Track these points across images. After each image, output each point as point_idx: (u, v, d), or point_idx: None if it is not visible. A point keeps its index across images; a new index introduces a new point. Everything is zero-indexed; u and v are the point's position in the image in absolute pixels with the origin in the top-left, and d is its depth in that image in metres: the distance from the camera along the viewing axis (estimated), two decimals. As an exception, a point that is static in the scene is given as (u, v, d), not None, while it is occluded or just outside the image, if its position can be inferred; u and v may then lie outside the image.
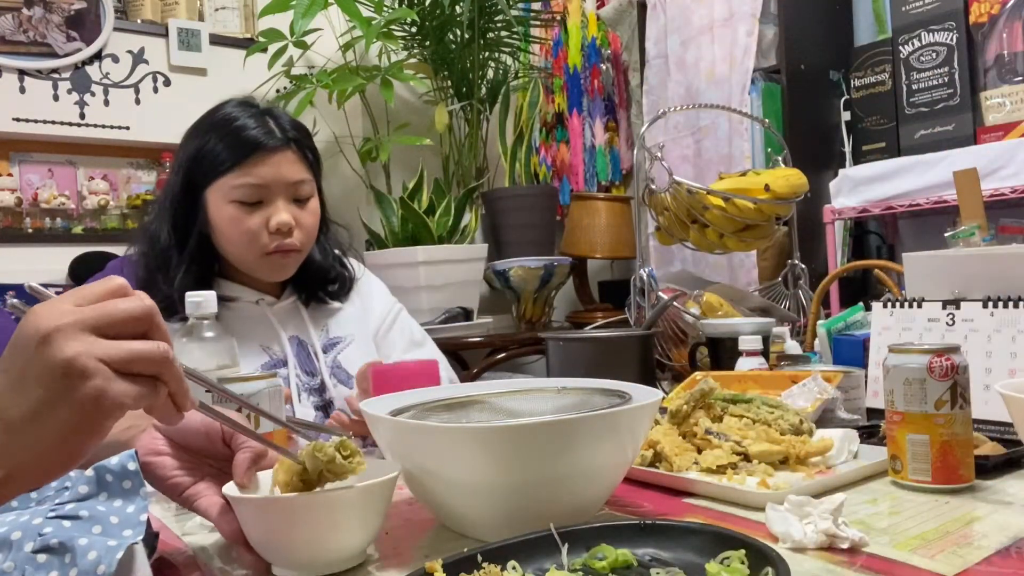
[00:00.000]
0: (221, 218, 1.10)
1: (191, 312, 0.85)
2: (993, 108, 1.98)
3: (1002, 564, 0.56)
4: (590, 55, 3.14)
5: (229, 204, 1.09)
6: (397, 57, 2.88)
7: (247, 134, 1.09)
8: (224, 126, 1.10)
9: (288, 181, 1.11)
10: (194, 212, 1.12)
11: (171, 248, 1.12)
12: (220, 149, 1.09)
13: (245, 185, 1.08)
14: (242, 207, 1.09)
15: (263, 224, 1.10)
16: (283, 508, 0.59)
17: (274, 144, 1.10)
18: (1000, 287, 0.97)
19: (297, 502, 0.59)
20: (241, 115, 1.11)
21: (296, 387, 1.16)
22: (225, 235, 1.12)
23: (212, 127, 1.12)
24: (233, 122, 1.10)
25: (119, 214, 2.73)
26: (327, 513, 0.58)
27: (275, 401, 0.82)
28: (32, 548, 0.52)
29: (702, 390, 0.90)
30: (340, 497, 0.59)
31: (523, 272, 2.69)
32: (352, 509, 0.59)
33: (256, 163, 1.08)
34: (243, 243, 1.11)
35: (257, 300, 1.19)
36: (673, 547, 0.57)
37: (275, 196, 1.11)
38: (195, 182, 1.11)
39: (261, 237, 1.10)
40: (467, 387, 0.87)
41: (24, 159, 2.65)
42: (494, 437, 0.62)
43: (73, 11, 2.58)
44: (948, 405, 0.73)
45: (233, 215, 1.09)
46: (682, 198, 1.61)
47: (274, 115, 1.14)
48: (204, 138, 1.11)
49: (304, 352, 1.20)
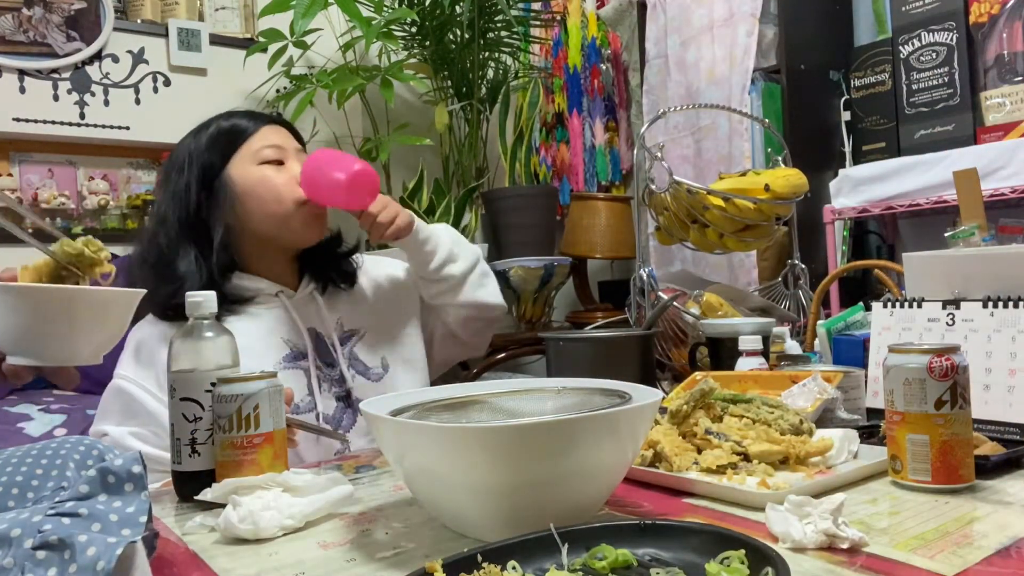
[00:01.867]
0: (252, 181, 1.18)
1: (191, 312, 0.85)
2: (993, 108, 1.98)
3: (1002, 564, 0.56)
4: (590, 55, 3.14)
5: (257, 167, 1.18)
6: (397, 57, 2.88)
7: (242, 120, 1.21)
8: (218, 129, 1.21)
9: (294, 147, 1.23)
10: (213, 203, 1.18)
11: (188, 245, 1.16)
12: (232, 126, 1.20)
13: (265, 146, 1.19)
14: (270, 166, 1.18)
15: (290, 179, 1.18)
16: (22, 294, 0.61)
17: (267, 121, 1.23)
18: (1000, 287, 0.97)
19: (39, 289, 0.61)
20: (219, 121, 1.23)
21: (317, 378, 1.19)
22: (258, 197, 1.18)
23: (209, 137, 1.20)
24: (221, 124, 1.21)
25: (119, 214, 2.73)
26: (64, 304, 0.60)
27: (275, 401, 0.82)
28: (32, 545, 0.52)
29: (702, 390, 0.90)
30: (78, 291, 0.61)
31: (523, 272, 2.69)
32: (88, 306, 0.61)
33: (264, 130, 1.21)
34: (276, 199, 1.17)
35: (277, 292, 1.22)
36: (673, 547, 0.57)
37: (289, 157, 1.21)
38: (212, 165, 1.18)
39: (293, 189, 1.18)
40: (467, 387, 0.87)
41: (24, 159, 2.65)
42: (494, 437, 0.62)
43: (73, 11, 2.58)
44: (948, 405, 0.73)
45: (264, 175, 1.18)
46: (682, 198, 1.61)
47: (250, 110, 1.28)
48: (212, 127, 1.21)
49: (322, 344, 1.23)
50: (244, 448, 0.79)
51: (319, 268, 1.28)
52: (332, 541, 0.69)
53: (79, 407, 1.99)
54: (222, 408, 0.79)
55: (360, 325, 1.28)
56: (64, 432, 1.84)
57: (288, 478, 0.76)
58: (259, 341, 1.17)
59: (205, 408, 0.82)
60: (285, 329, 1.21)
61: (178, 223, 1.16)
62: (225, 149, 1.19)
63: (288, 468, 0.82)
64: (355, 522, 0.74)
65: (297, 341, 1.21)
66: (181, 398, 0.83)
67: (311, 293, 1.26)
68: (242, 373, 0.84)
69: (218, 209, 1.17)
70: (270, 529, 0.70)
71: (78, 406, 2.01)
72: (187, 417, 0.82)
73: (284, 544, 0.69)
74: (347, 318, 1.28)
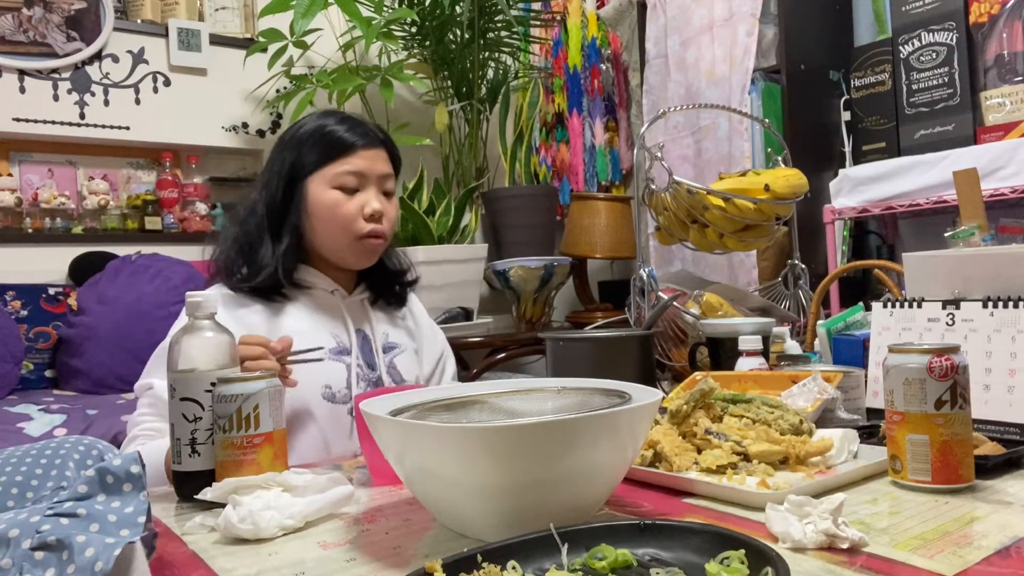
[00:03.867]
0: (322, 203, 1.21)
1: (191, 312, 0.85)
2: (993, 108, 1.98)
3: (1002, 564, 0.56)
4: (590, 55, 3.14)
5: (331, 190, 1.21)
6: (397, 57, 2.88)
7: (347, 134, 1.23)
8: (324, 128, 1.23)
9: (380, 174, 1.24)
10: (290, 203, 1.23)
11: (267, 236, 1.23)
12: (322, 145, 1.22)
13: (347, 172, 1.21)
14: (342, 193, 1.21)
15: (359, 210, 1.21)
16: None
17: (369, 142, 1.24)
18: (1000, 287, 0.97)
19: None
20: (334, 122, 1.24)
21: (356, 375, 1.23)
22: (323, 219, 1.22)
23: (315, 131, 1.23)
24: (327, 127, 1.23)
25: (119, 214, 2.72)
26: None
27: (275, 401, 0.82)
28: (30, 545, 0.52)
29: (702, 390, 0.89)
30: None
31: (523, 272, 2.69)
32: None
33: (356, 155, 1.22)
34: (340, 226, 1.21)
35: (332, 290, 1.27)
36: (673, 547, 0.57)
37: (369, 185, 1.23)
38: (296, 174, 1.23)
39: (357, 221, 1.21)
40: (467, 387, 0.87)
41: (24, 159, 2.65)
42: (494, 437, 0.62)
43: (73, 11, 2.58)
44: (948, 405, 0.73)
45: (335, 199, 1.21)
46: (682, 198, 1.61)
47: (367, 123, 1.29)
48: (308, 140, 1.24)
49: (367, 346, 1.27)
50: (244, 448, 0.79)
51: (375, 281, 1.33)
52: (332, 541, 0.69)
53: (79, 407, 2.00)
54: (222, 408, 0.79)
55: (400, 342, 1.33)
56: (64, 432, 1.84)
57: (288, 478, 0.76)
58: (310, 327, 1.22)
59: (205, 408, 0.82)
60: (335, 324, 1.25)
61: (265, 212, 1.23)
62: (316, 157, 1.22)
63: (288, 468, 0.82)
64: (355, 522, 0.74)
65: (344, 337, 1.25)
66: (181, 398, 0.83)
67: (363, 300, 1.31)
68: (242, 373, 0.84)
69: (293, 212, 1.23)
70: (270, 529, 0.70)
71: (78, 406, 2.01)
72: (187, 417, 0.82)
73: (284, 544, 0.69)
74: (390, 332, 1.33)
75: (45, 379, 2.35)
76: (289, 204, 1.23)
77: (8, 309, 2.30)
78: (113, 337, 2.23)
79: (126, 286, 2.30)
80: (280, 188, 1.23)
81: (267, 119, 2.98)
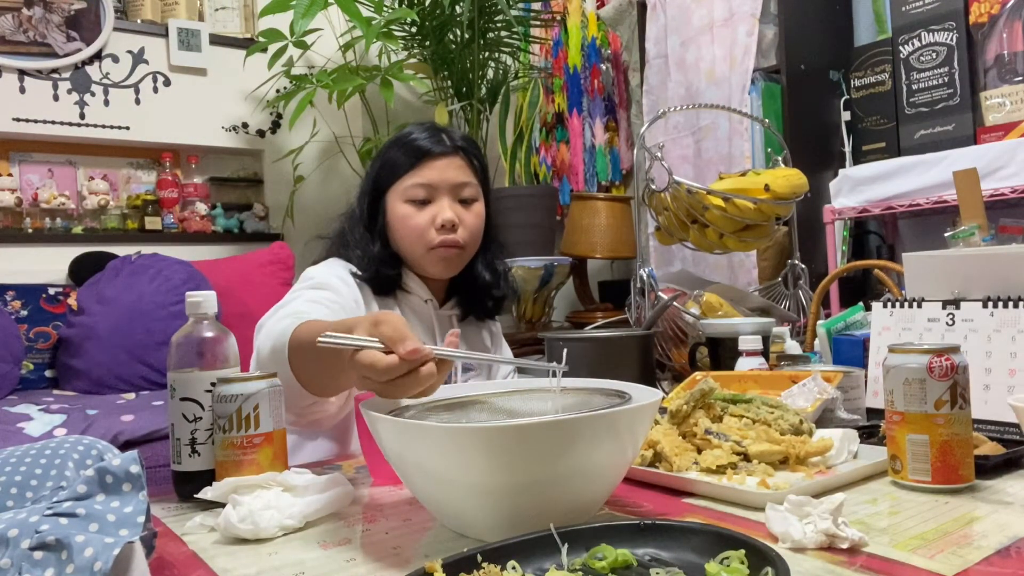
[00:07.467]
0: (396, 217, 1.24)
1: (191, 312, 0.85)
2: (993, 108, 1.98)
3: (1002, 564, 0.56)
4: (590, 55, 3.14)
5: (403, 204, 1.24)
6: (397, 57, 2.88)
7: (420, 143, 1.25)
8: (403, 139, 1.27)
9: (452, 182, 1.24)
10: (378, 213, 1.27)
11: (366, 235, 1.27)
12: (399, 157, 1.25)
13: (415, 185, 1.23)
14: (412, 205, 1.23)
15: (430, 221, 1.22)
16: None
17: (441, 150, 1.24)
18: (1000, 287, 0.97)
19: None
20: (417, 131, 1.27)
21: None
22: (399, 232, 1.25)
23: (395, 142, 1.27)
24: (410, 135, 1.26)
25: (119, 214, 2.73)
26: None
27: (275, 401, 0.82)
28: (29, 545, 0.52)
29: (702, 390, 0.89)
30: None
31: (523, 272, 2.69)
32: None
33: (426, 166, 1.23)
34: (413, 238, 1.23)
35: (426, 299, 1.29)
36: (673, 547, 0.57)
37: (441, 195, 1.24)
38: (380, 188, 1.27)
39: (428, 233, 1.22)
40: (467, 387, 0.87)
41: (24, 159, 2.65)
42: (494, 437, 0.61)
43: (73, 11, 2.58)
44: (948, 405, 0.73)
45: (406, 212, 1.23)
46: (682, 198, 1.61)
47: (446, 130, 1.30)
48: (388, 152, 1.28)
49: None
50: (244, 448, 0.79)
51: (466, 295, 1.33)
52: (332, 541, 0.69)
53: (79, 407, 1.99)
54: (222, 408, 0.79)
55: (475, 365, 1.34)
56: (64, 432, 1.84)
57: (288, 478, 0.76)
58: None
59: (205, 408, 0.82)
60: (426, 335, 1.27)
61: (361, 213, 1.27)
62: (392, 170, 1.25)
63: (288, 468, 0.82)
64: (355, 522, 0.74)
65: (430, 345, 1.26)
66: (181, 398, 0.83)
67: (452, 317, 1.33)
68: (242, 373, 0.84)
69: (380, 223, 1.26)
70: (270, 529, 0.70)
71: (78, 406, 2.01)
72: (187, 417, 0.82)
73: (284, 544, 0.69)
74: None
75: (45, 379, 2.36)
76: (376, 215, 1.26)
77: (8, 309, 2.30)
78: (113, 337, 2.23)
79: (126, 286, 2.30)
80: (367, 201, 1.27)
81: (267, 119, 2.98)
